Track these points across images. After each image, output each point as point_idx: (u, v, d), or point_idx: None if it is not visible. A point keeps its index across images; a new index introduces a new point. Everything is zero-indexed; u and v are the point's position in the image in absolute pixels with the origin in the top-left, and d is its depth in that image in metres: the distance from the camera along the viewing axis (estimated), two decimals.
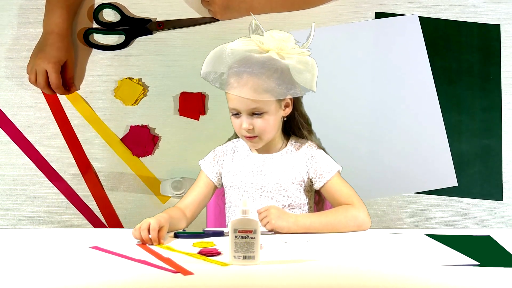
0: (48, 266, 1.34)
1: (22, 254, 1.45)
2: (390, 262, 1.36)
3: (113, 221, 2.43)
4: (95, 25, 2.44)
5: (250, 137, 1.79)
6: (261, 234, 1.37)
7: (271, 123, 1.78)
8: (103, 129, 2.44)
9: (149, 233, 1.54)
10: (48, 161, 2.43)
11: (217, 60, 1.77)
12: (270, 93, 1.72)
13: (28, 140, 2.44)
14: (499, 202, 2.47)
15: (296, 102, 1.85)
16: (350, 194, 1.79)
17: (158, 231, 1.54)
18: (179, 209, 1.81)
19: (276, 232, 1.67)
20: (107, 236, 1.70)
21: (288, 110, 1.83)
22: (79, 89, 2.45)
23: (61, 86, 2.38)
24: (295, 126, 1.88)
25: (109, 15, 2.44)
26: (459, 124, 2.45)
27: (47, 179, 2.44)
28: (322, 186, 1.82)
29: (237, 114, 1.77)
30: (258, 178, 1.83)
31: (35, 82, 2.37)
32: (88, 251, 1.48)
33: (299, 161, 1.84)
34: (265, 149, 1.85)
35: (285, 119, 1.84)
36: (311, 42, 1.78)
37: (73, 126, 2.44)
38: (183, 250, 1.44)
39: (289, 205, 1.81)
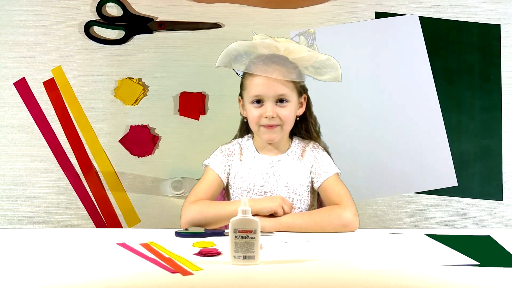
0: (48, 266, 1.34)
1: (22, 254, 1.45)
2: (390, 262, 1.36)
3: (113, 221, 2.43)
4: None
5: (271, 126, 1.79)
6: (261, 234, 1.37)
7: (293, 115, 1.82)
8: (90, 135, 2.44)
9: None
10: (50, 161, 2.44)
11: (234, 56, 1.80)
12: (294, 81, 1.78)
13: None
14: (499, 202, 2.47)
15: (308, 103, 1.89)
16: (340, 194, 1.77)
17: None
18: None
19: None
20: (107, 236, 1.70)
21: (301, 110, 1.85)
22: None
23: None
24: (306, 127, 1.90)
25: (112, 9, 2.44)
26: (459, 124, 2.45)
27: (47, 179, 2.43)
28: (320, 186, 1.82)
29: (259, 102, 1.78)
30: (266, 180, 1.83)
31: None
32: (88, 250, 1.48)
33: (305, 162, 1.85)
34: (273, 150, 1.86)
35: (298, 119, 1.86)
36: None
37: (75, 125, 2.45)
38: (182, 254, 1.44)
39: (298, 207, 1.82)
